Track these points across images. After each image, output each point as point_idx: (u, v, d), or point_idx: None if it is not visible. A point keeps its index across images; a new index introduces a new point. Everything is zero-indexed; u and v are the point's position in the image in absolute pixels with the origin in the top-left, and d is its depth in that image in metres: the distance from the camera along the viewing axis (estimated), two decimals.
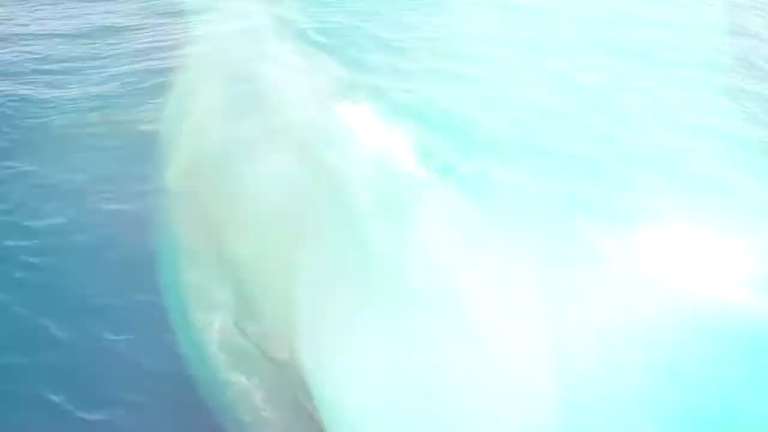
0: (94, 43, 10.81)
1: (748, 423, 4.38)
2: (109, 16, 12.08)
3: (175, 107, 8.27)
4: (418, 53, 10.36)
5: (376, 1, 11.95)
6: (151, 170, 6.93)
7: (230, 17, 11.09)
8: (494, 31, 10.84)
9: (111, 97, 8.88)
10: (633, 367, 4.46)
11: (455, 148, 7.50)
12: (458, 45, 10.51)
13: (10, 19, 11.92)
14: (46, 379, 4.93)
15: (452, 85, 9.31)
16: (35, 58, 10.05)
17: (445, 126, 7.99)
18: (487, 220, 5.99)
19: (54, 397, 4.77)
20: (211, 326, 5.06)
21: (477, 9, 11.80)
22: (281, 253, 5.33)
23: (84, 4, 12.48)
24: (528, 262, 5.38)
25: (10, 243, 6.17)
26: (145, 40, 10.97)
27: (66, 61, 10.05)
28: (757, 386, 4.47)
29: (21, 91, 8.93)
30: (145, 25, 11.58)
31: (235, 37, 10.17)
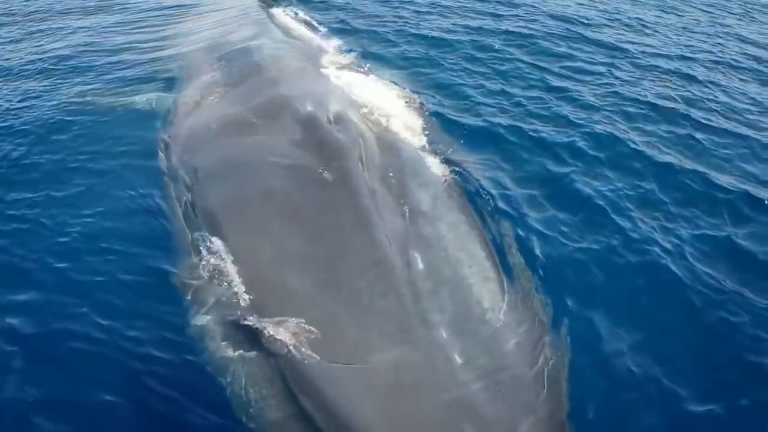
0: (91, 33, 11.10)
1: None
2: (104, 9, 12.49)
3: (173, 89, 8.30)
4: (400, 38, 10.80)
5: None
6: (151, 151, 6.89)
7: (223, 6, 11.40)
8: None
9: (110, 85, 8.95)
10: None
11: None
12: (436, 33, 10.92)
13: (8, 13, 12.31)
14: (37, 369, 4.94)
15: (431, 68, 9.69)
16: (34, 52, 10.21)
17: (433, 108, 8.28)
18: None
19: (48, 391, 4.80)
20: (207, 314, 4.83)
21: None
22: (281, 238, 5.09)
23: None
24: None
25: (9, 229, 6.20)
26: (140, 30, 11.18)
27: (64, 51, 10.25)
28: None
29: (21, 83, 9.07)
30: (138, 18, 11.88)
31: (229, 22, 10.46)
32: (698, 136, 8.26)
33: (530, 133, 8.14)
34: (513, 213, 6.59)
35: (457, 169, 6.61)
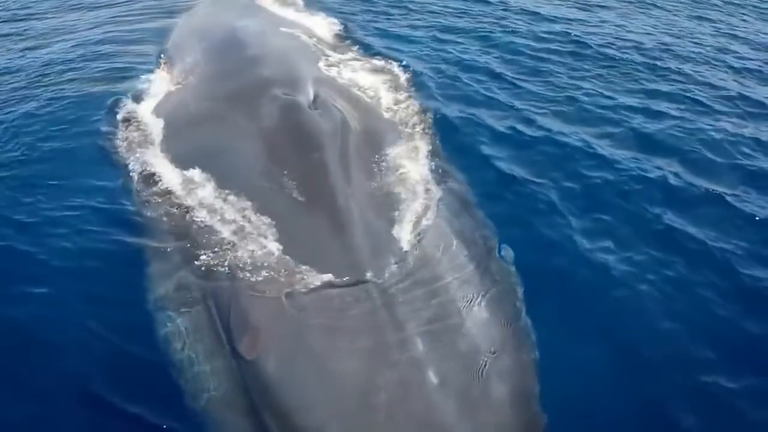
0: (75, 25, 11.35)
1: None
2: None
3: (152, 73, 8.39)
4: (386, 24, 11.22)
5: None
6: (122, 133, 6.94)
7: None
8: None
9: (97, 64, 9.18)
10: None
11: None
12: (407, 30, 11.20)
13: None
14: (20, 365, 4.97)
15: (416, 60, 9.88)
16: (13, 45, 10.42)
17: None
18: None
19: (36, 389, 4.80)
20: (165, 292, 4.84)
21: None
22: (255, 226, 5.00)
23: None
24: None
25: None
26: (125, 21, 11.41)
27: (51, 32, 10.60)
28: None
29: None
30: (125, 10, 12.14)
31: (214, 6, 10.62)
32: (657, 125, 8.37)
33: (493, 125, 8.24)
34: (489, 208, 6.42)
35: (432, 159, 6.57)
